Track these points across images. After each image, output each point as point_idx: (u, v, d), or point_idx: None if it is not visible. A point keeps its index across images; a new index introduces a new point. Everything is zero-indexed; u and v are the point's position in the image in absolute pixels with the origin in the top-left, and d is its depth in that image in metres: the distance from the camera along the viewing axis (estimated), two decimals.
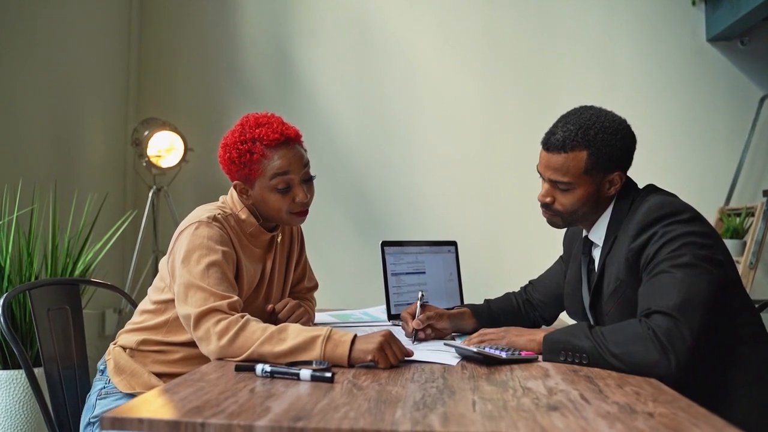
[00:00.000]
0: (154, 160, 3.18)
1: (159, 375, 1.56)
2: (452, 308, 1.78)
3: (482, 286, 2.64)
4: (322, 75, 3.55)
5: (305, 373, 1.20)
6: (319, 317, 2.03)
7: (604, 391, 1.12)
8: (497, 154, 3.45)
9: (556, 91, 3.40)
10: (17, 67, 2.77)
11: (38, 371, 1.60)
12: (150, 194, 3.23)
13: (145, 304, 1.63)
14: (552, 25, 3.46)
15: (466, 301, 2.09)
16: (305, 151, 1.67)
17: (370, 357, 1.30)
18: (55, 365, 1.62)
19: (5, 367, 2.37)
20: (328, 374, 1.18)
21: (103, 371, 1.59)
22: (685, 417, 0.96)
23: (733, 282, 1.43)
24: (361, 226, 3.50)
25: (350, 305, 2.60)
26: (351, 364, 1.32)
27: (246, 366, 1.26)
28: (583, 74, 3.42)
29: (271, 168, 1.58)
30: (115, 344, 1.62)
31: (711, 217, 3.19)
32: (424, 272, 2.04)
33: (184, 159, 3.22)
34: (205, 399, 1.05)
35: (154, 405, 1.02)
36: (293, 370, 1.21)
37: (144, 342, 1.58)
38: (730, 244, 3.02)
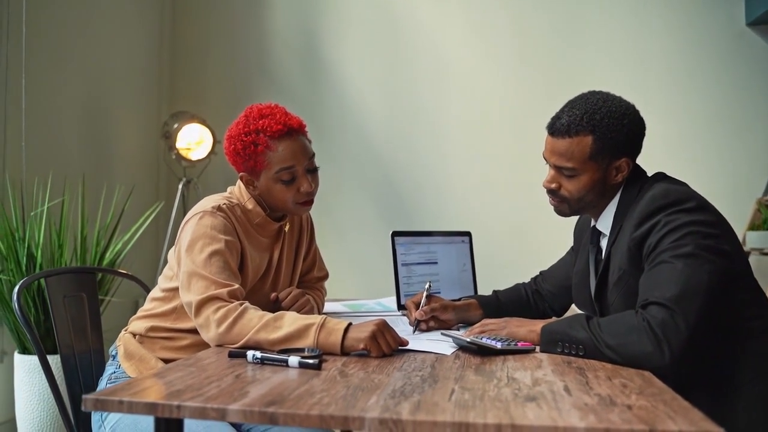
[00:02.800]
0: (183, 152, 3.25)
1: (167, 361, 1.60)
2: (459, 299, 1.77)
3: (510, 276, 2.61)
4: (350, 67, 3.56)
5: (293, 360, 1.21)
6: (332, 306, 2.05)
7: (590, 383, 1.10)
8: (525, 145, 3.39)
9: (586, 81, 3.29)
10: (52, 62, 2.87)
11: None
12: (180, 186, 3.31)
13: (155, 292, 1.68)
14: (582, 12, 3.38)
15: (480, 292, 2.07)
16: (309, 141, 1.68)
17: (362, 345, 1.31)
18: (71, 350, 1.68)
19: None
20: (315, 361, 1.20)
21: (114, 356, 1.64)
22: (664, 410, 0.94)
23: (742, 274, 1.38)
24: (389, 216, 3.50)
25: (372, 294, 2.61)
26: (344, 352, 1.32)
27: (238, 352, 1.29)
28: (615, 62, 3.33)
29: (275, 159, 1.59)
30: (126, 330, 1.67)
31: (748, 207, 3.07)
32: (436, 262, 2.03)
33: (212, 151, 3.28)
34: (190, 383, 1.08)
35: (138, 388, 1.05)
36: (282, 357, 1.22)
37: (153, 329, 1.62)
38: (766, 235, 2.91)
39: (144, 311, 1.67)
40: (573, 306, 1.81)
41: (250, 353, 1.25)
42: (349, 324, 1.35)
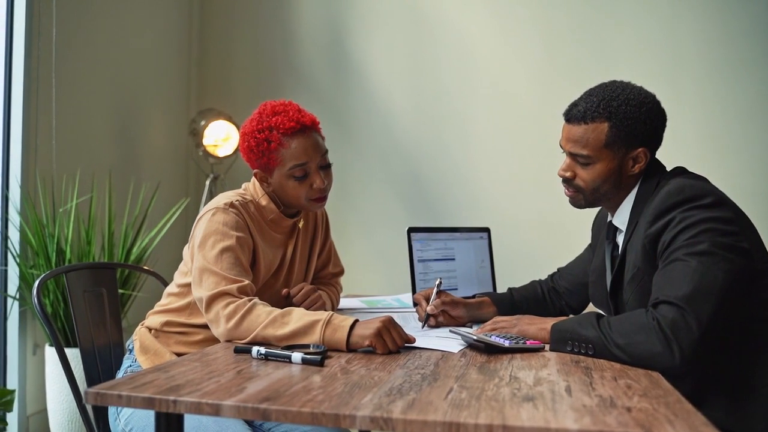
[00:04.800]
0: (210, 149, 3.29)
1: (181, 355, 1.62)
2: (473, 297, 1.75)
3: (536, 274, 2.58)
4: (376, 62, 3.55)
5: (296, 356, 1.21)
6: (350, 302, 2.05)
7: (594, 384, 1.07)
8: (553, 141, 3.33)
9: (616, 74, 3.23)
10: (81, 61, 2.93)
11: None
12: (207, 182, 3.35)
13: (170, 287, 1.70)
14: (612, 4, 3.30)
15: (499, 289, 2.04)
16: (323, 138, 1.68)
17: (367, 342, 1.30)
18: (91, 344, 1.71)
19: (67, 345, 2.53)
20: (317, 357, 1.20)
21: (131, 350, 1.67)
22: (665, 413, 0.91)
23: (763, 272, 1.32)
24: (413, 211, 3.49)
25: (396, 290, 2.61)
26: (350, 348, 1.32)
27: (244, 348, 1.29)
28: (646, 53, 3.24)
29: (288, 157, 1.60)
30: (142, 325, 1.69)
31: None
32: (453, 259, 2.01)
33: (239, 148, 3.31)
34: (191, 378, 1.09)
35: (139, 382, 1.06)
36: (285, 353, 1.23)
37: (168, 323, 1.64)
38: None
39: (160, 306, 1.69)
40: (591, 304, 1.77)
41: (254, 349, 1.26)
42: (356, 321, 1.34)
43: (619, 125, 1.40)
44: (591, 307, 1.81)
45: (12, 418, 2.62)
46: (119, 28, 3.19)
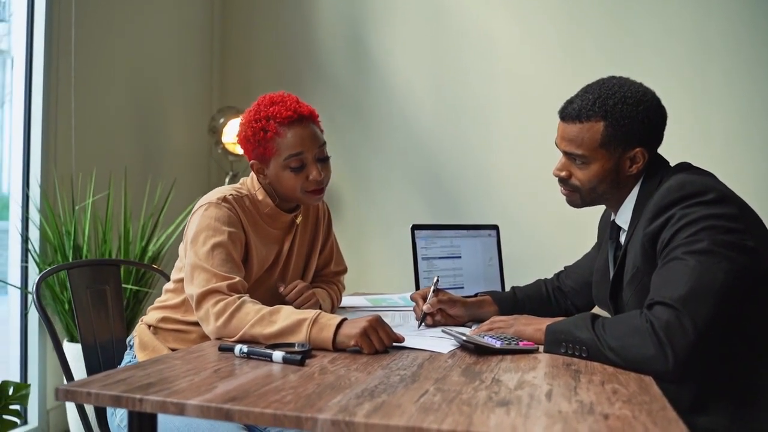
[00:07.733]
0: (229, 147, 3.30)
1: None
2: (474, 295, 1.70)
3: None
4: (397, 59, 3.51)
5: (277, 355, 1.19)
6: (356, 300, 2.03)
7: (579, 388, 1.02)
8: None
9: (640, 71, 3.14)
10: (100, 60, 2.97)
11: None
12: (227, 180, 3.36)
13: (169, 284, 1.69)
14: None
15: (507, 287, 2.00)
16: (321, 131, 1.65)
17: (353, 342, 1.28)
18: (93, 340, 1.72)
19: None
20: (297, 357, 1.17)
21: (131, 347, 1.68)
22: (644, 421, 0.85)
23: None
24: (433, 207, 3.44)
25: (411, 287, 2.57)
26: (336, 348, 1.29)
27: (228, 346, 1.28)
28: (671, 48, 3.13)
29: (284, 146, 1.58)
30: (142, 321, 1.70)
31: None
32: (459, 256, 1.97)
33: None
34: (165, 376, 1.07)
35: (112, 379, 1.05)
36: (267, 352, 1.21)
37: (164, 320, 1.64)
38: None
39: (159, 302, 1.69)
40: None
41: (237, 347, 1.24)
42: (343, 319, 1.32)
43: (614, 125, 1.34)
44: (597, 308, 1.75)
45: (32, 412, 2.68)
46: (139, 26, 3.22)
